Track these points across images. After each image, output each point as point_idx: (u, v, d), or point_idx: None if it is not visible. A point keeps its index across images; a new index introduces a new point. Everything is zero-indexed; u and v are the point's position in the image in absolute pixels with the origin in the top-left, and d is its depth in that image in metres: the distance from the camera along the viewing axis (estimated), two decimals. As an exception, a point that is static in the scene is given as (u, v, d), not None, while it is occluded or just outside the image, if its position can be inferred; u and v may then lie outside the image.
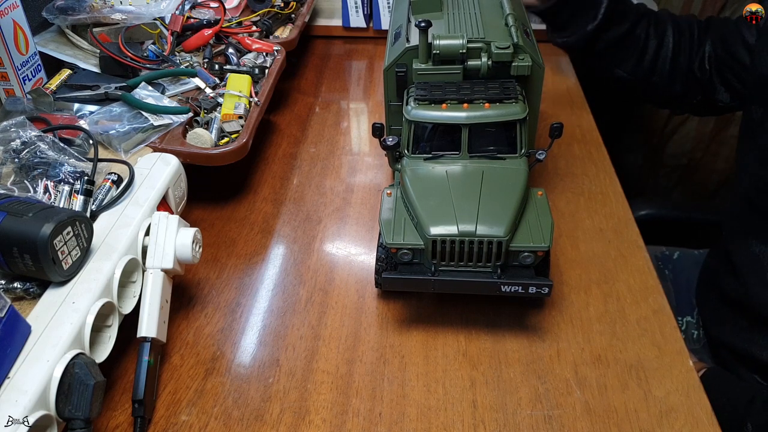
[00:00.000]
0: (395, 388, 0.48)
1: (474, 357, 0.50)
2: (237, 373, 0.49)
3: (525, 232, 0.48)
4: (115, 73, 0.67)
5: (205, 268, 0.58)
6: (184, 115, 0.61)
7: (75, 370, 0.39)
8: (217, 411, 0.47)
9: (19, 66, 0.60)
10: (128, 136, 0.57)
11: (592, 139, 0.74)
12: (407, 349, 0.51)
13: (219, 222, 0.63)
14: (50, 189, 0.49)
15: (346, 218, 0.64)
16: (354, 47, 0.97)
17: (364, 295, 0.55)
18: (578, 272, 0.57)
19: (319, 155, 0.73)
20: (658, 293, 0.55)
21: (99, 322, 0.43)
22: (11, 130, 0.52)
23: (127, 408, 0.46)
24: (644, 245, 0.60)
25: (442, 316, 0.53)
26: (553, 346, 0.51)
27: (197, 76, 0.66)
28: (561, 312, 0.54)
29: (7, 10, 0.57)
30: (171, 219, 0.49)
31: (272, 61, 0.74)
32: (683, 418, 0.46)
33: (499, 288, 0.48)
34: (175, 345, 0.51)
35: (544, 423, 0.45)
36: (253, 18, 0.81)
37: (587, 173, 0.69)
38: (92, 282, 0.43)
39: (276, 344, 0.51)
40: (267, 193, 0.67)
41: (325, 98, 0.84)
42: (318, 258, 0.59)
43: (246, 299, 0.55)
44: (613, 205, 0.65)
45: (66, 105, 0.61)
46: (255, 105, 0.66)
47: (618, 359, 0.50)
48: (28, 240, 0.40)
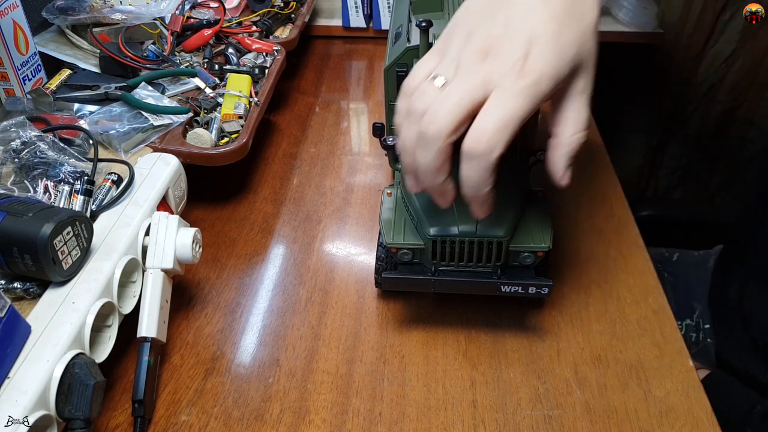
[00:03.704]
0: (395, 388, 0.48)
1: (474, 357, 0.50)
2: (237, 373, 0.49)
3: (525, 233, 0.48)
4: (115, 73, 0.67)
5: (205, 268, 0.58)
6: (184, 115, 0.61)
7: (75, 370, 0.39)
8: (217, 411, 0.47)
9: (19, 66, 0.60)
10: (128, 136, 0.57)
11: (593, 139, 0.74)
12: (407, 349, 0.51)
13: (219, 222, 0.63)
14: (50, 189, 0.49)
15: (346, 218, 0.64)
16: (354, 47, 0.97)
17: (364, 295, 0.55)
18: (578, 272, 0.57)
19: (319, 155, 0.73)
20: (658, 293, 0.55)
21: (99, 322, 0.43)
22: (11, 130, 0.52)
23: (127, 408, 0.46)
24: (644, 245, 0.60)
25: (442, 316, 0.53)
26: (553, 346, 0.51)
27: (197, 76, 0.66)
28: (561, 312, 0.54)
29: (7, 10, 0.57)
30: (171, 219, 0.49)
31: (272, 61, 0.74)
32: (683, 418, 0.46)
33: (499, 288, 0.47)
34: (175, 345, 0.51)
35: (544, 423, 0.45)
36: (253, 18, 0.81)
37: (587, 173, 0.69)
38: (92, 282, 0.43)
39: (276, 344, 0.51)
40: (267, 193, 0.67)
41: (325, 98, 0.84)
42: (318, 258, 0.59)
43: (246, 299, 0.55)
44: (613, 205, 0.65)
45: (66, 105, 0.61)
46: (255, 105, 0.66)
47: (618, 359, 0.50)
48: (28, 240, 0.40)
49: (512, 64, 0.36)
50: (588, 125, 0.40)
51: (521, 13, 0.37)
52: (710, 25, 1.10)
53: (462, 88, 0.36)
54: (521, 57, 0.36)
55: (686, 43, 1.14)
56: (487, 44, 0.37)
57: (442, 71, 0.38)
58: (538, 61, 0.36)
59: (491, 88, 0.36)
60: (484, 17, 0.38)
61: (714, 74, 1.15)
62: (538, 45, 0.36)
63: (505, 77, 0.36)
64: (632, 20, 1.00)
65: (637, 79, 1.22)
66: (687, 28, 1.12)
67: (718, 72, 1.15)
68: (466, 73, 0.37)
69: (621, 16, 1.01)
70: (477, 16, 0.39)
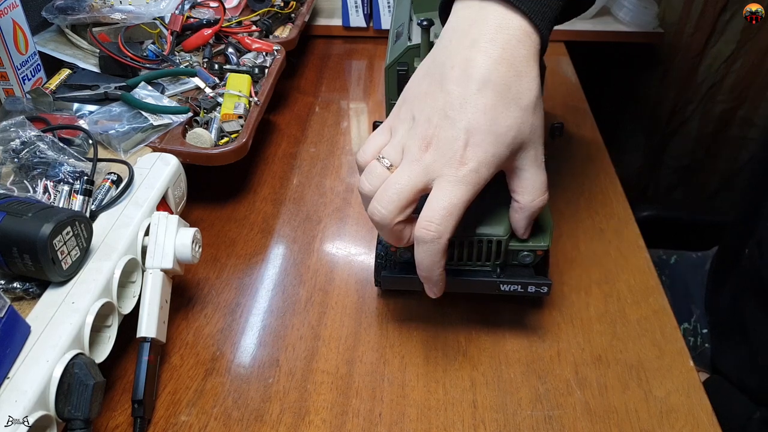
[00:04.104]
0: (395, 388, 0.48)
1: (474, 357, 0.50)
2: (237, 373, 0.49)
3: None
4: (115, 72, 0.67)
5: (204, 268, 0.58)
6: (183, 114, 0.61)
7: (75, 371, 0.39)
8: (217, 411, 0.46)
9: (18, 66, 0.60)
10: (128, 136, 0.57)
11: (593, 139, 0.74)
12: (407, 349, 0.51)
13: (219, 222, 0.63)
14: (50, 189, 0.49)
15: (346, 218, 0.64)
16: (354, 47, 0.97)
17: (364, 295, 0.55)
18: (578, 272, 0.57)
19: (319, 155, 0.73)
20: (658, 293, 0.55)
21: (98, 322, 0.43)
22: (11, 130, 0.52)
23: (126, 408, 0.46)
24: (645, 245, 0.60)
25: (442, 316, 0.53)
26: (553, 346, 0.51)
27: (197, 76, 0.66)
28: (561, 312, 0.53)
29: (6, 9, 0.57)
30: (171, 219, 0.49)
31: (272, 60, 0.74)
32: (684, 418, 0.46)
33: (499, 287, 0.47)
34: (175, 345, 0.51)
35: (544, 423, 0.45)
36: (252, 18, 0.81)
37: (587, 173, 0.69)
38: (92, 282, 0.43)
39: (276, 344, 0.51)
40: (267, 193, 0.67)
41: (325, 98, 0.84)
42: (318, 258, 0.59)
43: (246, 299, 0.55)
44: (614, 205, 0.65)
45: (65, 105, 0.61)
46: (255, 105, 0.65)
47: (618, 359, 0.50)
48: (27, 240, 0.40)
49: (452, 154, 0.38)
50: (545, 189, 0.43)
51: (458, 105, 0.39)
52: (710, 25, 1.10)
53: (406, 176, 0.40)
54: (461, 147, 0.38)
55: (686, 43, 1.14)
56: (429, 133, 0.39)
57: (388, 154, 0.41)
58: (475, 151, 0.38)
59: (433, 176, 0.39)
60: (426, 103, 0.40)
61: (714, 74, 1.15)
62: (474, 135, 0.38)
63: (446, 167, 0.39)
64: (633, 20, 1.00)
65: (637, 79, 1.22)
66: (687, 28, 1.12)
67: (718, 72, 1.15)
68: (409, 162, 0.40)
69: (621, 15, 1.01)
70: (420, 101, 0.41)
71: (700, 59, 1.15)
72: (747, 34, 1.09)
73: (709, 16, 1.10)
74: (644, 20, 1.00)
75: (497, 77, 0.38)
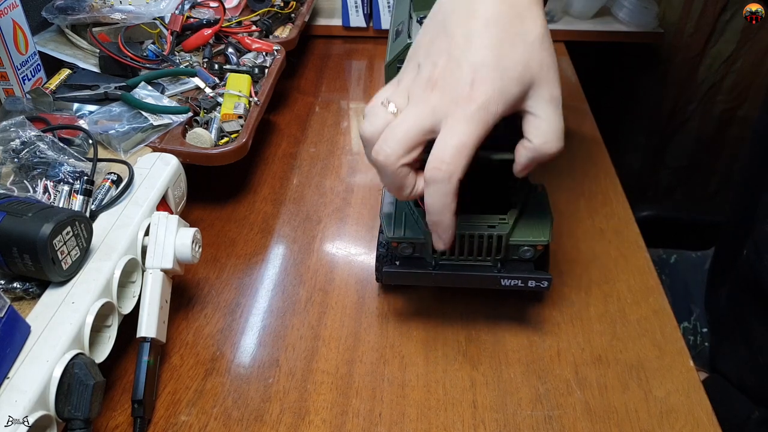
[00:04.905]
0: (395, 388, 0.48)
1: (474, 357, 0.50)
2: (237, 373, 0.49)
3: (524, 227, 0.48)
4: (115, 72, 0.67)
5: (204, 268, 0.58)
6: (183, 114, 0.61)
7: (75, 370, 0.39)
8: (217, 411, 0.46)
9: (18, 66, 0.60)
10: (128, 136, 0.57)
11: (593, 139, 0.74)
12: (407, 349, 0.51)
13: (219, 222, 0.63)
14: (50, 189, 0.49)
15: (346, 218, 0.64)
16: (354, 47, 0.97)
17: (364, 295, 0.55)
18: (578, 272, 0.57)
19: (319, 155, 0.73)
20: (658, 293, 0.55)
21: (98, 322, 0.43)
22: (11, 130, 0.52)
23: (126, 408, 0.46)
24: (645, 245, 0.60)
25: (442, 316, 0.53)
26: (553, 346, 0.51)
27: (197, 76, 0.66)
28: (561, 312, 0.53)
29: (6, 9, 0.57)
30: (171, 219, 0.49)
31: (272, 60, 0.74)
32: (684, 418, 0.46)
33: (499, 282, 0.48)
34: (175, 345, 0.51)
35: (544, 423, 0.45)
36: (252, 18, 0.81)
37: (587, 173, 0.69)
38: (92, 282, 0.43)
39: (276, 344, 0.51)
40: (267, 193, 0.67)
41: (325, 98, 0.84)
42: (318, 258, 0.59)
43: (246, 299, 0.55)
44: (614, 205, 0.65)
45: (65, 105, 0.61)
46: (255, 105, 0.65)
47: (618, 359, 0.50)
48: (27, 240, 0.40)
49: (459, 91, 0.37)
50: (560, 135, 0.40)
51: (462, 42, 0.38)
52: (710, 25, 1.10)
53: (413, 116, 0.38)
54: (468, 84, 0.37)
55: (686, 43, 1.14)
56: (434, 75, 0.38)
57: (394, 99, 0.40)
58: (483, 87, 0.37)
59: (440, 116, 0.38)
60: (429, 50, 0.40)
61: (714, 74, 1.15)
62: (481, 71, 0.37)
63: (454, 105, 0.37)
64: (633, 20, 1.00)
65: (637, 79, 1.22)
66: (687, 28, 1.12)
67: (718, 72, 1.15)
68: (415, 103, 0.39)
69: (621, 15, 1.01)
70: (424, 50, 0.40)
71: (700, 59, 1.15)
72: (747, 34, 1.09)
73: (709, 16, 1.10)
74: (644, 20, 1.00)
75: (500, 15, 0.38)
